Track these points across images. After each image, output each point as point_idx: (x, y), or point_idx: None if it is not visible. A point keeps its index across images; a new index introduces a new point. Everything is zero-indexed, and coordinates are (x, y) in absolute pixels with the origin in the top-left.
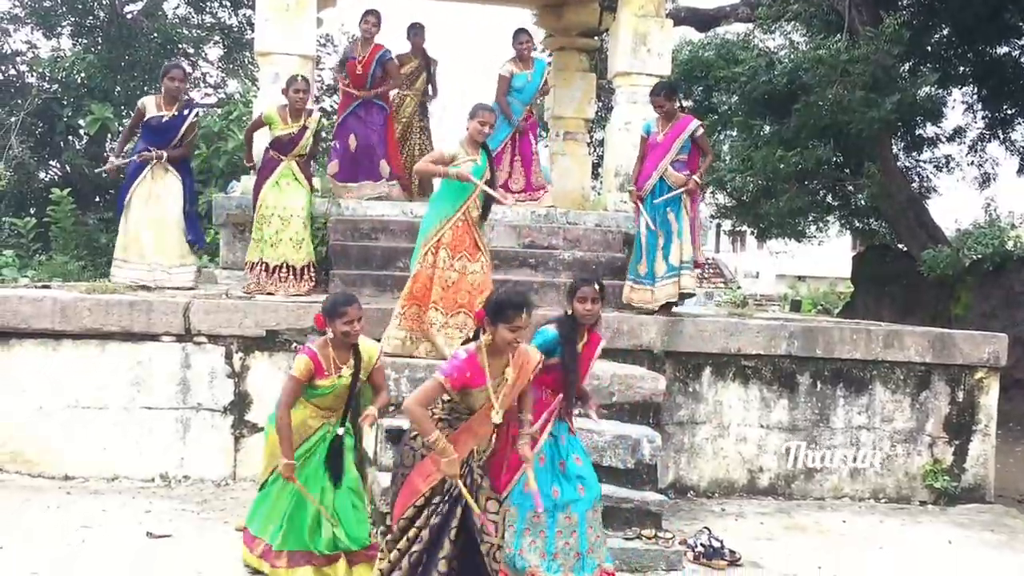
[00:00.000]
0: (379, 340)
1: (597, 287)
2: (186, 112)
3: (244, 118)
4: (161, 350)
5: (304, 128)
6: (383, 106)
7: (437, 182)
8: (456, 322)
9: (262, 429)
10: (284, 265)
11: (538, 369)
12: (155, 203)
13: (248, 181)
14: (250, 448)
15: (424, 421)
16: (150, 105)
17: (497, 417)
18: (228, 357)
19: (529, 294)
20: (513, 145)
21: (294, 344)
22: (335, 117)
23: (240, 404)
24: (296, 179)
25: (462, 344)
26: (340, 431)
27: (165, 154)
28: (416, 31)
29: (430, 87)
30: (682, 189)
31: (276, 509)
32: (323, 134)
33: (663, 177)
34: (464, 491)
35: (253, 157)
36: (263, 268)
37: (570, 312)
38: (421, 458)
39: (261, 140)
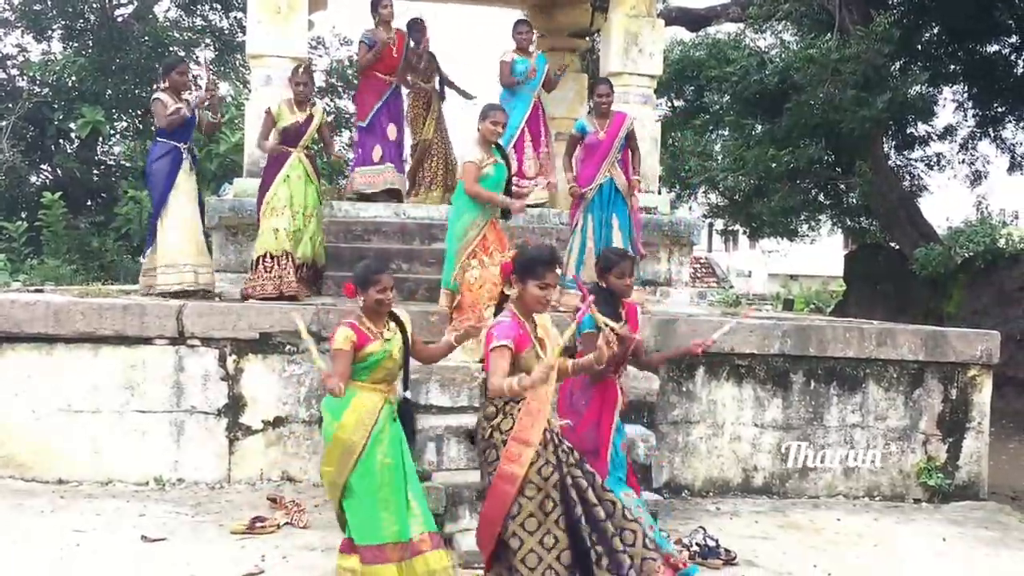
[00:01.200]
0: None
1: (632, 262)
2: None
3: (236, 120)
4: (154, 353)
5: (310, 117)
6: (402, 96)
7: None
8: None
9: (256, 431)
10: (307, 263)
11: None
12: (192, 205)
13: (242, 183)
14: (245, 451)
15: (512, 384)
16: (168, 101)
17: (551, 357)
18: (222, 360)
19: (557, 249)
20: (527, 132)
21: (288, 346)
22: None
23: (234, 407)
24: (307, 173)
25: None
26: (406, 393)
27: (216, 92)
28: (419, 26)
29: (438, 80)
30: (636, 193)
31: (362, 507)
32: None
33: (612, 177)
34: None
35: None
36: (273, 260)
37: (604, 286)
38: (503, 445)
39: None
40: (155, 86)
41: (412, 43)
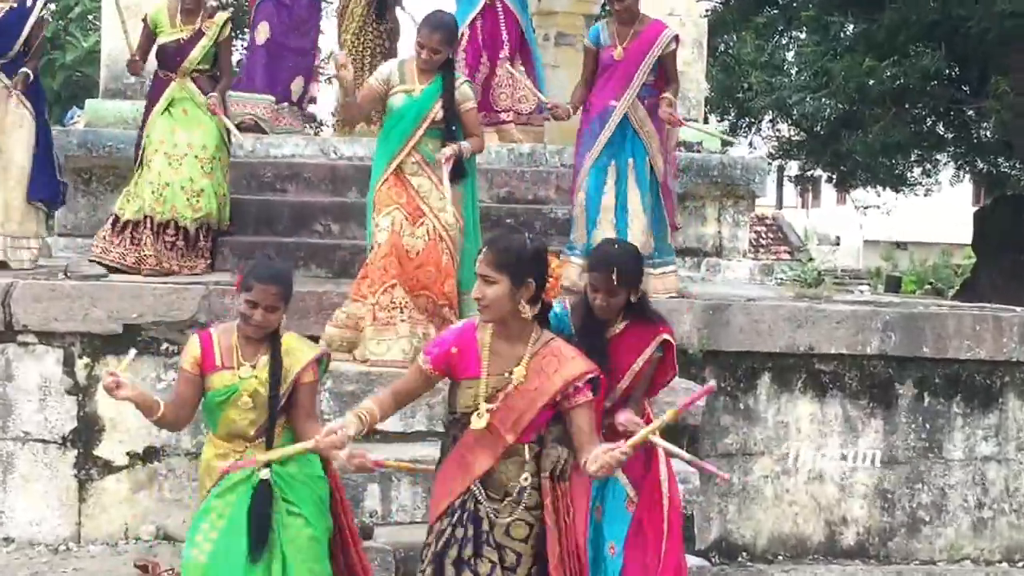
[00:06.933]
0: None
1: (614, 275)
2: (28, 3)
3: (90, 16)
4: None
5: (199, 33)
6: None
7: None
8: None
9: (119, 468)
10: (172, 224)
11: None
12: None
13: (98, 106)
14: (102, 496)
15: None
16: None
17: (479, 422)
18: (68, 364)
19: (538, 240)
20: (479, 38)
21: (164, 344)
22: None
23: (86, 432)
24: (196, 105)
25: None
26: (265, 473)
27: (28, 74)
28: None
29: None
30: (670, 124)
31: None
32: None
33: (627, 114)
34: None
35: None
36: (135, 226)
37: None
38: (454, 441)
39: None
40: None
41: None
